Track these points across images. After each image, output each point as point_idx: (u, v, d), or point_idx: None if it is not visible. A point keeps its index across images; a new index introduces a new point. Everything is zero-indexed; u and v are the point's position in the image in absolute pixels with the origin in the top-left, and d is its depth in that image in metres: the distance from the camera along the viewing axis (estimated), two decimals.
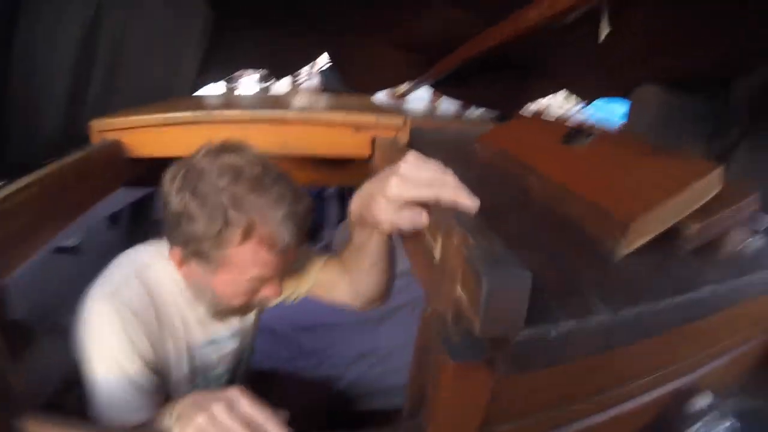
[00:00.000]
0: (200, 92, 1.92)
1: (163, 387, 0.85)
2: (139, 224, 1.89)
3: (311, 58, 2.62)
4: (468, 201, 0.52)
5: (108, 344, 0.75)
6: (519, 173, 0.88)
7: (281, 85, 3.90)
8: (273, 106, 1.14)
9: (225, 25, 1.81)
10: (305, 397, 1.43)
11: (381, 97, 3.08)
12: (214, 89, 2.07)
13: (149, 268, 0.84)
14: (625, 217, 0.55)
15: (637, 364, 0.60)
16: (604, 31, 1.18)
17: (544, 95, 2.87)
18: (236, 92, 3.80)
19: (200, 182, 0.72)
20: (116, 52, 1.17)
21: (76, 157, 0.83)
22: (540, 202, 0.77)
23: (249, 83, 4.49)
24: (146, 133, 0.99)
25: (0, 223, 0.62)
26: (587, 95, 2.26)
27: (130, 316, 0.77)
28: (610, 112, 3.19)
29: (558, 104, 3.73)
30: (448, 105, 3.13)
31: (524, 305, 0.38)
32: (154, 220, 1.92)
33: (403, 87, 3.00)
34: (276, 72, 2.40)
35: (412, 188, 0.56)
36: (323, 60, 2.99)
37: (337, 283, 0.98)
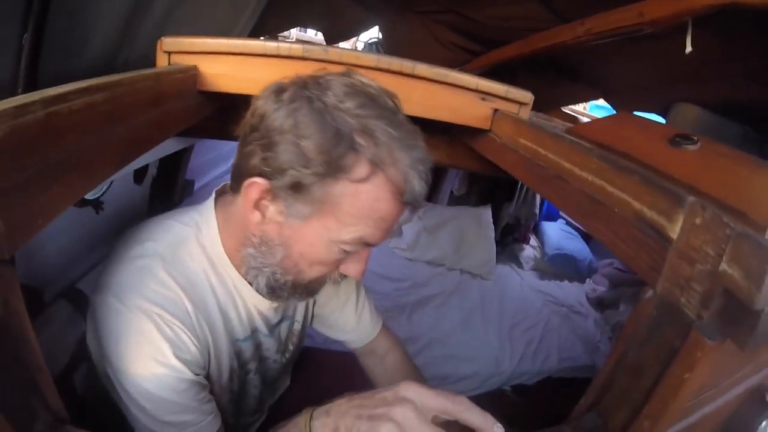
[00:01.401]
0: None
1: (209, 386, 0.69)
2: (167, 185, 1.66)
3: (366, 28, 2.44)
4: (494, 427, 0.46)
5: (138, 351, 0.59)
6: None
7: None
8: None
9: None
10: (354, 380, 1.23)
11: None
12: None
13: (182, 247, 0.65)
14: (762, 219, 0.52)
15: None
16: (688, 46, 1.16)
17: (580, 101, 2.85)
18: None
19: (324, 95, 0.55)
20: None
21: (149, 72, 0.61)
22: None
23: None
24: (230, 62, 0.77)
25: (52, 135, 0.40)
26: (624, 107, 2.16)
27: (162, 312, 0.60)
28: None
29: None
30: None
31: None
32: (186, 182, 1.70)
33: None
34: (330, 36, 2.21)
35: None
36: (370, 33, 2.88)
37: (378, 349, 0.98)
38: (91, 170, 0.49)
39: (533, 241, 3.20)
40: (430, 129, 0.99)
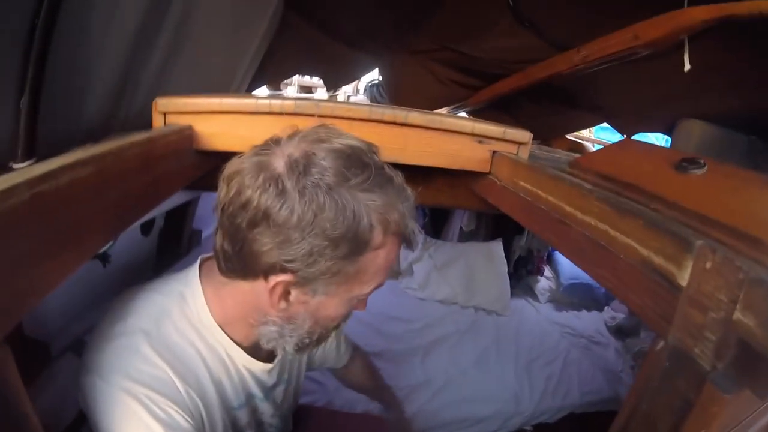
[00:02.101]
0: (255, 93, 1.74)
1: None
2: (174, 236, 1.67)
3: (365, 71, 2.47)
4: None
5: None
6: (640, 199, 0.78)
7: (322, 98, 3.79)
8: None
9: (290, 24, 1.67)
10: None
11: None
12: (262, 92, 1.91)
13: (166, 319, 0.64)
14: None
15: None
16: (686, 64, 1.17)
17: (586, 126, 2.80)
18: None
19: (325, 175, 0.54)
20: (177, 39, 0.98)
21: (140, 137, 0.61)
22: None
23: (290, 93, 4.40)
24: (224, 121, 0.78)
25: (39, 215, 0.39)
26: (627, 129, 2.15)
27: (150, 393, 0.58)
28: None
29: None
30: None
31: None
32: (193, 232, 1.70)
33: (443, 110, 2.88)
34: (330, 81, 2.24)
35: None
36: (370, 76, 2.90)
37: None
38: (83, 243, 0.49)
39: (547, 272, 3.14)
40: (431, 172, 0.98)
